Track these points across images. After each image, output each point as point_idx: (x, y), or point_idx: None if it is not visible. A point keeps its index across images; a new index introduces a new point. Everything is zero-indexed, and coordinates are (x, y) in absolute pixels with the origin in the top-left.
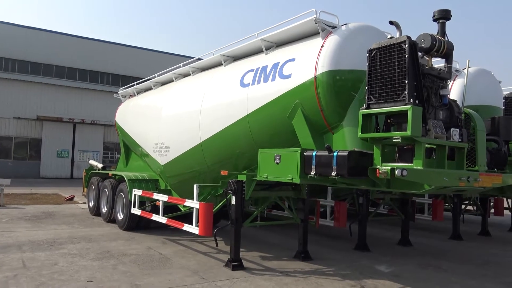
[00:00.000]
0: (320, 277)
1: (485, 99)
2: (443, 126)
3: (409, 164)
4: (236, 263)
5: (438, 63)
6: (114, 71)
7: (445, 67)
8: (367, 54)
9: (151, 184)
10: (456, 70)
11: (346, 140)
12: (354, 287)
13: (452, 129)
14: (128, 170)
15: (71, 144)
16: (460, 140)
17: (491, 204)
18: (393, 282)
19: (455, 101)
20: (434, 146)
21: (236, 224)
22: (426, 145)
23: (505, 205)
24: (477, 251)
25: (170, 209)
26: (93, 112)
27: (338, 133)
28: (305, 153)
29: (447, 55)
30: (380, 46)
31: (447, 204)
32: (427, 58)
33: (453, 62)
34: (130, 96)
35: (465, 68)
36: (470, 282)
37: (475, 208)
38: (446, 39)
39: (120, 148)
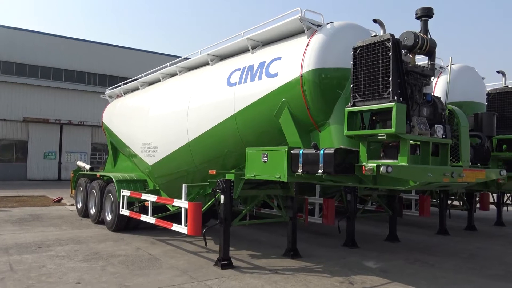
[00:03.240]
0: (309, 274)
1: (469, 96)
2: (427, 122)
3: (394, 160)
4: (226, 262)
5: (422, 60)
6: (101, 72)
7: (428, 64)
8: (352, 52)
9: (139, 185)
10: (440, 67)
11: (332, 137)
12: (342, 284)
13: (436, 125)
14: (116, 171)
15: (58, 145)
16: (444, 136)
17: (477, 199)
18: (380, 277)
19: (438, 97)
20: (419, 143)
21: (225, 223)
22: (411, 141)
23: (491, 199)
24: (463, 246)
25: (159, 209)
26: (80, 113)
27: (325, 131)
28: (292, 151)
29: (430, 53)
30: (364, 44)
31: (433, 200)
32: (410, 56)
33: (437, 60)
34: (117, 96)
35: (449, 65)
36: (457, 276)
37: (461, 203)
38: (429, 36)
39: (108, 149)
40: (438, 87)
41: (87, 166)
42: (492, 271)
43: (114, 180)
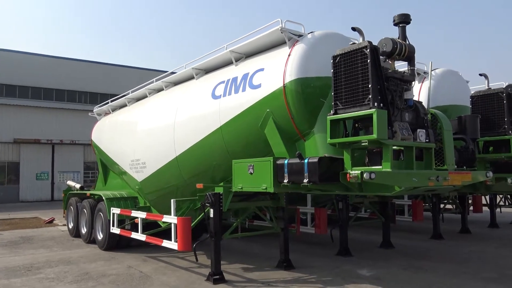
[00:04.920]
0: (302, 285)
1: (453, 99)
2: (409, 127)
3: (378, 167)
4: (217, 277)
5: (404, 66)
6: (92, 90)
7: (408, 70)
8: (331, 61)
9: (130, 202)
10: (424, 72)
11: (318, 146)
12: None
13: (418, 130)
14: (106, 189)
15: (50, 165)
16: (427, 140)
17: (470, 201)
18: (374, 285)
19: (420, 102)
20: (402, 148)
21: (215, 237)
22: (394, 147)
23: (484, 201)
24: (457, 249)
25: (152, 226)
26: (71, 132)
27: (310, 140)
28: (277, 162)
29: (409, 58)
30: (343, 52)
31: (426, 204)
32: (390, 62)
33: (421, 65)
34: (106, 113)
35: (433, 70)
36: (452, 281)
37: (454, 207)
38: (407, 42)
39: (98, 167)
40: (423, 92)
41: (77, 185)
42: (486, 274)
43: (104, 198)
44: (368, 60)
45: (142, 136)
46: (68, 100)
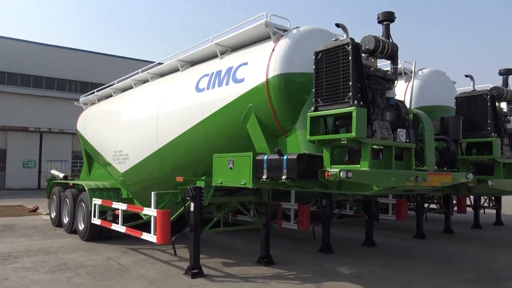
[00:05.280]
0: (280, 281)
1: (439, 100)
2: (389, 127)
3: (357, 165)
4: (196, 271)
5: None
6: (83, 79)
7: (391, 69)
8: (314, 57)
9: (112, 193)
10: (411, 72)
11: (299, 143)
12: None
13: (398, 129)
14: (91, 179)
15: (38, 154)
16: (407, 140)
17: (454, 202)
18: (353, 283)
19: (402, 102)
20: (382, 147)
21: (195, 231)
22: (375, 146)
23: (468, 202)
24: (440, 249)
25: (134, 218)
26: (60, 120)
27: (291, 136)
28: (257, 157)
29: (392, 56)
30: (326, 48)
31: (411, 204)
32: (372, 60)
33: (410, 64)
34: (92, 103)
35: (420, 70)
36: (431, 281)
37: (438, 207)
38: (391, 40)
39: (83, 157)
40: (409, 91)
41: (61, 175)
42: (466, 275)
43: (86, 188)
44: (350, 57)
45: (126, 127)
46: (58, 88)
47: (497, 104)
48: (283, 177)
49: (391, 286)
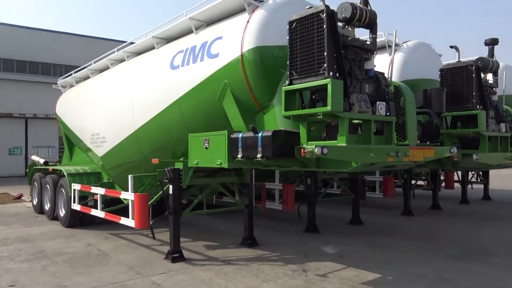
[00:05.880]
0: (263, 263)
1: (424, 73)
2: (368, 100)
3: (334, 141)
4: (177, 255)
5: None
6: (68, 62)
7: (370, 38)
8: (288, 27)
9: (93, 178)
10: (396, 45)
11: (277, 119)
12: (295, 272)
13: (378, 102)
14: (72, 164)
15: (24, 140)
16: (388, 114)
17: (442, 178)
18: (336, 263)
19: (382, 73)
20: (360, 121)
21: (174, 214)
22: (356, 120)
23: (456, 178)
24: (426, 226)
25: (117, 202)
26: (46, 106)
27: (269, 113)
28: (232, 136)
29: (371, 25)
30: (300, 17)
31: (398, 181)
32: (349, 29)
33: (392, 36)
34: (71, 86)
35: (404, 42)
36: (415, 258)
37: (426, 183)
38: (369, 8)
39: (63, 141)
40: (394, 63)
41: (41, 160)
42: (450, 251)
43: (65, 173)
44: (324, 26)
45: (102, 110)
46: (43, 73)
47: (482, 75)
48: (258, 155)
49: (374, 265)
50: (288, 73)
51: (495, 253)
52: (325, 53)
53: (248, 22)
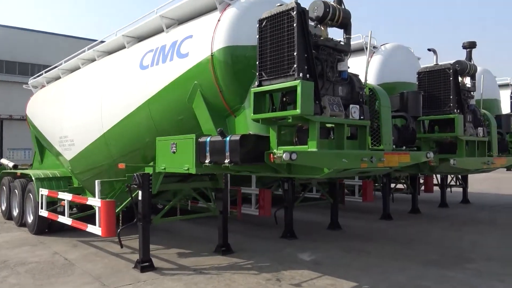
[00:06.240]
0: (236, 272)
1: (403, 76)
2: (341, 103)
3: (305, 146)
4: (146, 264)
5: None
6: (46, 62)
7: (344, 38)
8: (257, 25)
9: (63, 182)
10: (374, 47)
11: (248, 123)
12: (269, 281)
13: (351, 106)
14: (43, 168)
15: None
16: (362, 117)
17: (421, 181)
18: (311, 271)
19: (356, 75)
20: (333, 125)
21: (143, 222)
22: (329, 124)
23: (435, 181)
24: (404, 230)
25: (88, 208)
26: (22, 107)
27: (240, 116)
28: (200, 140)
29: (344, 25)
30: (270, 15)
31: (377, 185)
32: (322, 28)
33: (371, 39)
34: (42, 86)
35: (382, 44)
36: (392, 264)
37: (405, 187)
38: (343, 7)
39: (33, 144)
40: (372, 67)
41: (11, 164)
42: (428, 256)
43: (33, 178)
44: (295, 24)
45: (70, 111)
46: (20, 73)
47: (460, 79)
48: (226, 160)
49: (350, 272)
50: (257, 74)
51: (473, 258)
52: (295, 53)
53: (219, 20)
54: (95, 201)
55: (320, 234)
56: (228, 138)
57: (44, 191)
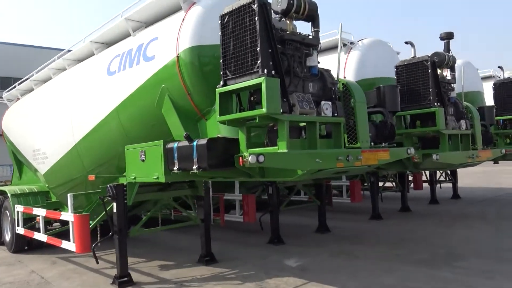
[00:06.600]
0: (219, 283)
1: (382, 71)
2: (311, 100)
3: (274, 147)
4: (125, 279)
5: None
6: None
7: (312, 32)
8: (219, 21)
9: (40, 197)
10: (351, 43)
11: (219, 126)
12: None
13: (323, 102)
14: (22, 183)
15: None
16: (336, 114)
17: (410, 179)
18: (297, 278)
19: (328, 71)
20: (304, 124)
21: (119, 235)
22: (302, 123)
23: (424, 178)
24: (394, 229)
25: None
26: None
27: (211, 119)
28: (167, 146)
29: (312, 17)
30: (231, 9)
31: (366, 184)
32: (287, 22)
33: (347, 34)
34: (17, 99)
35: (360, 40)
36: (380, 266)
37: (394, 185)
38: None
39: (11, 159)
40: (350, 63)
41: None
42: (419, 255)
43: (9, 194)
44: (256, 18)
45: (42, 123)
46: (3, 87)
47: (439, 71)
48: (194, 167)
49: (338, 277)
50: (221, 73)
51: (463, 255)
52: (258, 49)
53: (183, 19)
54: (68, 216)
55: (308, 238)
56: (195, 143)
57: (19, 208)
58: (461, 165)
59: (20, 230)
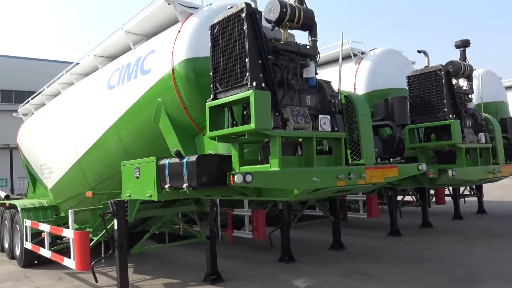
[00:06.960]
0: None
1: (395, 82)
2: (307, 113)
3: (266, 165)
4: None
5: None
6: (30, 88)
7: (309, 41)
8: (209, 32)
9: (50, 212)
10: (362, 53)
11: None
12: None
13: (320, 116)
14: (36, 197)
15: (9, 171)
16: (336, 129)
17: (432, 193)
18: None
19: (327, 82)
20: (300, 140)
21: (120, 253)
22: (300, 139)
23: (446, 192)
24: (412, 247)
25: None
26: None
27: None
28: (159, 162)
29: (308, 26)
30: (220, 19)
31: (384, 199)
32: (281, 31)
33: (358, 44)
34: (32, 113)
35: (371, 50)
36: None
37: (414, 199)
38: (305, 6)
39: (26, 173)
40: (361, 74)
41: (3, 194)
42: (437, 277)
43: (19, 208)
44: (245, 27)
45: (49, 138)
46: (4, 100)
47: (454, 81)
48: (184, 185)
49: None
50: (211, 86)
51: (486, 278)
52: (246, 60)
53: (179, 31)
54: (68, 232)
55: (321, 256)
56: (185, 160)
57: (28, 222)
58: (481, 181)
59: (28, 245)
